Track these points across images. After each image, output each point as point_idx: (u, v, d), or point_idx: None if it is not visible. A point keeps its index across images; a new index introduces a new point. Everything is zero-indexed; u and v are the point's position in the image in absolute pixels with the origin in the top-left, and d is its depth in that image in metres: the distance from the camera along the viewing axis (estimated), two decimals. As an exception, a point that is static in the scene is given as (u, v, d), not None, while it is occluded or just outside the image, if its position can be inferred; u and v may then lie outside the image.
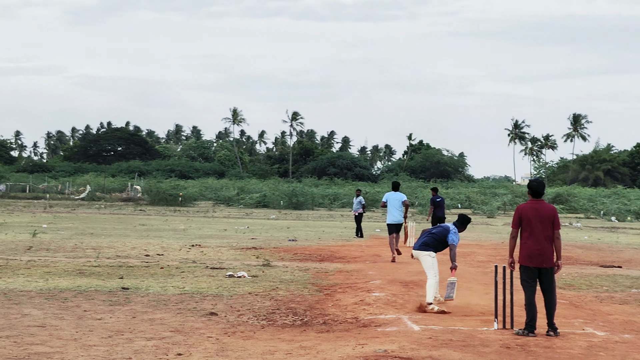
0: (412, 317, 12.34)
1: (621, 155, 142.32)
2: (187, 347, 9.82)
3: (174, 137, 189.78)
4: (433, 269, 13.68)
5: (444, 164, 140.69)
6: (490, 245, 30.01)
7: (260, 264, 20.34)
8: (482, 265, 21.58)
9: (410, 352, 9.50)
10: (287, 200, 71.83)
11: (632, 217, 65.71)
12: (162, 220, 44.85)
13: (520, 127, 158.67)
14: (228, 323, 11.67)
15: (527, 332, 10.93)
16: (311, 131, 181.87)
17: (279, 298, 14.42)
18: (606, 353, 9.79)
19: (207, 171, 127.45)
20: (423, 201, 72.75)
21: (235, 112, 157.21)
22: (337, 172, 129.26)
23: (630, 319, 12.91)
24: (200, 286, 15.69)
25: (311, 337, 10.66)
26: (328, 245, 27.73)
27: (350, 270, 19.47)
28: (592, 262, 23.61)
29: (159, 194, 71.13)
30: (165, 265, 19.40)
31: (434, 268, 13.66)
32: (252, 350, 9.71)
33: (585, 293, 16.25)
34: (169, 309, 12.83)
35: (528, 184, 11.55)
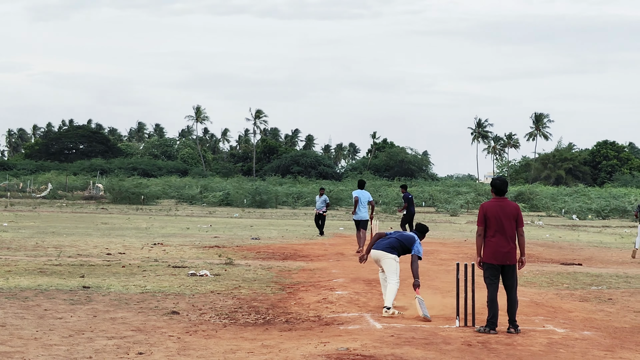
0: (374, 315, 12.36)
1: (582, 154, 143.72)
2: (149, 346, 9.77)
3: (137, 135, 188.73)
4: (396, 274, 13.05)
5: (408, 162, 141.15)
6: (453, 243, 30.13)
7: (223, 262, 20.28)
8: (445, 263, 21.65)
9: (372, 350, 9.52)
10: (251, 199, 71.67)
11: (592, 216, 66.28)
12: (124, 218, 44.59)
13: (483, 126, 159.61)
14: (190, 322, 11.63)
15: (488, 329, 10.99)
16: (275, 129, 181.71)
17: (242, 297, 14.39)
18: (566, 350, 9.87)
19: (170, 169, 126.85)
20: (387, 199, 72.91)
21: (199, 110, 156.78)
22: (301, 171, 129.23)
23: (590, 316, 13.03)
24: (162, 285, 15.62)
25: (274, 336, 10.65)
26: (291, 244, 27.70)
27: (313, 269, 19.48)
28: (553, 260, 23.79)
29: (121, 193, 70.71)
30: (127, 264, 19.29)
31: (397, 273, 13.09)
32: (214, 349, 9.68)
33: (546, 290, 16.37)
34: (130, 308, 12.76)
35: (491, 182, 11.61)
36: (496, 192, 11.48)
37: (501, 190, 11.45)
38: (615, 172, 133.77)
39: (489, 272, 11.26)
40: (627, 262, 23.63)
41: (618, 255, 26.34)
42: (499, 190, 11.46)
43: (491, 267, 11.22)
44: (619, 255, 26.09)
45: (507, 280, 11.28)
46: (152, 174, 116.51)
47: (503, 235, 11.16)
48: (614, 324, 12.23)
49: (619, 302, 14.78)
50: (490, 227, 11.24)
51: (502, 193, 11.45)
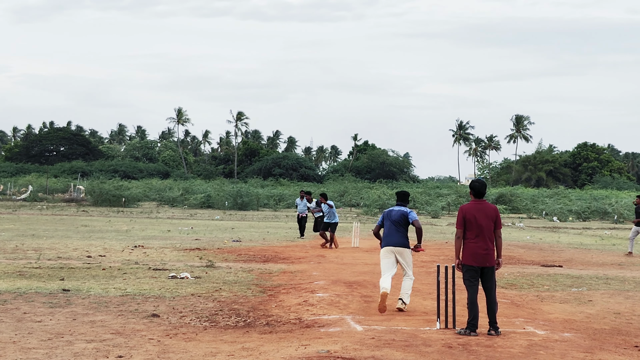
0: (355, 317, 12.35)
1: (563, 156, 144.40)
2: (128, 349, 9.73)
3: (118, 137, 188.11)
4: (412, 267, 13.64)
5: (389, 164, 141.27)
6: (434, 245, 30.18)
7: (204, 265, 20.24)
8: (426, 265, 21.68)
9: (353, 352, 9.51)
10: (232, 201, 71.58)
11: (573, 217, 66.58)
12: (105, 221, 44.42)
13: (464, 128, 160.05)
14: (170, 325, 11.59)
15: (468, 331, 11.01)
16: (256, 131, 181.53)
17: (222, 299, 14.36)
18: (546, 352, 9.89)
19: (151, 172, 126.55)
20: (368, 202, 72.97)
21: (180, 112, 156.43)
22: (282, 173, 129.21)
23: (570, 317, 13.07)
24: (143, 287, 15.57)
25: (254, 339, 10.63)
26: (272, 246, 27.68)
27: (294, 271, 19.46)
28: (533, 262, 23.86)
29: (102, 195, 70.43)
30: (107, 267, 19.21)
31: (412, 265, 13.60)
32: (193, 352, 9.65)
33: (526, 292, 16.41)
34: (110, 310, 12.70)
35: (470, 185, 11.62)
36: (475, 194, 11.51)
37: (480, 192, 11.48)
38: (596, 174, 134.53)
39: (469, 274, 11.28)
40: (607, 264, 23.72)
41: (598, 256, 26.45)
42: (478, 193, 11.49)
43: (471, 269, 11.24)
44: (599, 257, 26.20)
45: (486, 283, 11.30)
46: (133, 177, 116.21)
47: (482, 237, 11.19)
48: (594, 326, 12.27)
49: (599, 304, 14.83)
50: (470, 229, 11.25)
51: (481, 195, 11.48)
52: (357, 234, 29.46)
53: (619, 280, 19.12)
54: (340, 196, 79.02)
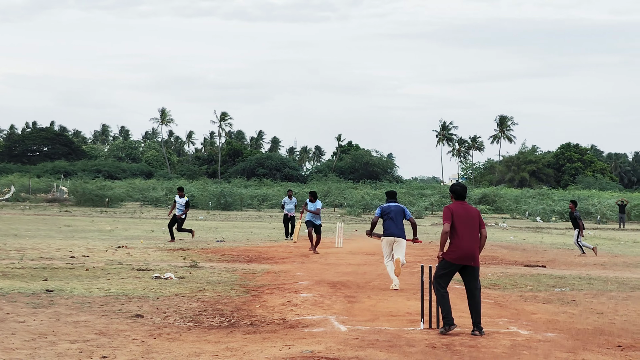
0: (339, 317, 12.36)
1: (546, 157, 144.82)
2: (112, 350, 9.70)
3: (101, 138, 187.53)
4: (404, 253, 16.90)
5: (373, 164, 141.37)
6: (418, 245, 30.17)
7: (188, 265, 20.21)
8: (409, 265, 21.68)
9: (336, 352, 9.52)
10: (216, 201, 71.54)
11: (556, 218, 66.81)
12: (88, 221, 44.30)
13: (448, 128, 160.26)
14: (154, 325, 11.57)
15: (447, 327, 11.02)
16: (240, 132, 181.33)
17: (206, 299, 14.34)
18: (529, 352, 9.92)
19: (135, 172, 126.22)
20: (352, 202, 73.02)
21: (164, 113, 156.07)
22: (266, 173, 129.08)
23: (553, 317, 13.11)
24: (126, 288, 15.53)
25: (238, 339, 10.62)
26: (256, 246, 27.67)
27: (278, 271, 19.46)
28: (517, 262, 23.94)
29: (85, 195, 70.22)
30: (90, 267, 19.16)
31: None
32: (177, 352, 9.64)
33: (509, 292, 16.46)
34: (93, 311, 12.67)
35: (451, 188, 11.69)
36: (456, 197, 11.58)
37: (461, 195, 11.57)
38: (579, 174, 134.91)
39: (445, 270, 11.29)
40: (590, 264, 23.82)
41: (581, 257, 26.55)
42: (459, 195, 11.57)
43: (450, 265, 11.27)
44: (582, 257, 26.30)
45: (471, 282, 11.33)
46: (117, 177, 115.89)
47: (467, 236, 11.22)
48: (577, 326, 12.31)
49: (582, 304, 14.89)
50: (456, 227, 11.28)
51: (462, 198, 11.56)
52: (340, 234, 29.48)
53: (602, 280, 19.20)
54: (323, 196, 79.02)
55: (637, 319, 13.21)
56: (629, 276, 20.38)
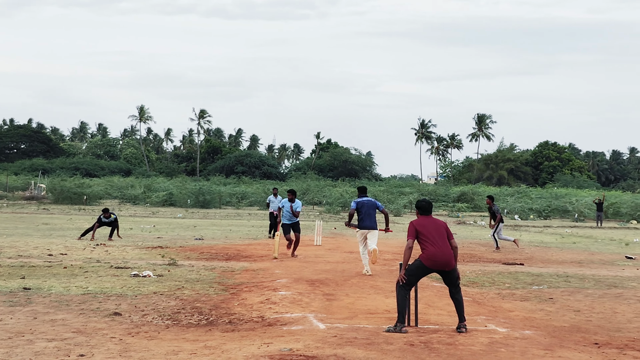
0: (317, 315, 12.37)
1: (524, 155, 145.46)
2: (90, 348, 9.67)
3: (79, 135, 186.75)
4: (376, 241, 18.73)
5: (352, 162, 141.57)
6: (396, 243, 30.29)
7: (166, 263, 20.17)
8: (388, 263, 21.75)
9: (315, 350, 9.53)
10: (194, 199, 71.38)
11: (534, 215, 67.08)
12: (66, 219, 44.13)
13: (426, 126, 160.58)
14: (132, 323, 11.54)
15: (400, 325, 11.01)
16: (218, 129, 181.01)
17: (185, 297, 14.32)
18: (507, 349, 9.97)
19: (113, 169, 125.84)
20: (331, 200, 73.06)
21: (142, 110, 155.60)
22: (245, 171, 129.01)
23: (531, 315, 13.18)
24: (104, 286, 15.48)
25: (216, 337, 10.61)
26: (235, 244, 27.64)
27: (256, 269, 19.45)
28: (494, 260, 24.02)
29: (63, 193, 69.95)
30: (68, 265, 19.09)
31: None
32: (155, 351, 9.62)
33: (487, 290, 16.52)
34: (71, 309, 12.62)
35: (417, 204, 11.77)
36: (422, 212, 11.62)
37: (427, 210, 11.63)
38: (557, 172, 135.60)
39: (419, 272, 11.30)
40: (567, 262, 23.94)
41: (559, 254, 26.68)
42: (425, 211, 11.62)
43: (425, 269, 11.28)
44: (559, 255, 26.43)
45: (451, 281, 11.37)
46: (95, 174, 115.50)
47: (439, 244, 11.23)
48: (554, 323, 12.38)
49: (559, 302, 14.97)
50: (425, 240, 11.27)
51: (428, 213, 11.62)
52: (319, 232, 29.49)
53: (579, 278, 19.30)
54: (302, 194, 79.02)
55: (614, 317, 13.30)
56: (606, 274, 20.50)
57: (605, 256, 26.53)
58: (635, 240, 36.22)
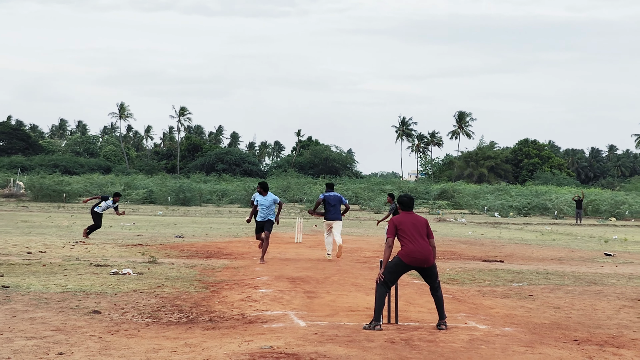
0: (298, 313, 12.36)
1: (504, 152, 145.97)
2: (69, 346, 9.61)
3: (58, 132, 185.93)
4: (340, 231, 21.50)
5: (332, 160, 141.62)
6: (377, 240, 30.32)
7: (146, 261, 20.10)
8: (369, 260, 21.77)
9: (296, 348, 9.51)
10: (175, 197, 71.25)
11: (514, 213, 67.31)
12: (45, 216, 43.93)
13: (407, 124, 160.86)
14: (112, 321, 11.48)
15: (375, 323, 11.01)
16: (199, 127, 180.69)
17: (165, 295, 14.27)
18: (487, 346, 9.98)
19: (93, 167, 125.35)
20: (311, 197, 73.09)
21: (122, 107, 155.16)
22: (225, 168, 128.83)
23: (511, 312, 13.21)
24: (84, 284, 15.40)
25: (196, 335, 10.57)
26: (215, 242, 27.59)
27: (237, 267, 19.41)
28: (475, 257, 24.08)
29: (42, 190, 69.64)
30: (47, 263, 18.99)
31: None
32: (135, 349, 9.57)
33: (468, 287, 16.55)
34: (50, 307, 12.55)
35: (398, 200, 11.73)
36: (403, 208, 11.60)
37: (409, 206, 11.59)
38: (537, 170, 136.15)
39: (399, 269, 11.30)
40: (547, 259, 24.03)
41: (539, 252, 26.78)
42: (406, 206, 11.59)
43: (405, 266, 11.28)
44: (539, 252, 26.52)
45: (430, 281, 11.38)
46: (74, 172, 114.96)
47: (418, 241, 11.22)
48: (534, 320, 12.41)
49: (539, 298, 15.02)
50: (405, 237, 11.26)
51: (409, 209, 11.58)
52: (300, 229, 29.47)
53: (559, 275, 19.38)
54: (283, 192, 78.98)
55: (593, 313, 13.35)
56: (585, 271, 20.59)
57: (585, 253, 26.65)
58: (614, 238, 36.42)
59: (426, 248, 11.25)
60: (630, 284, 17.77)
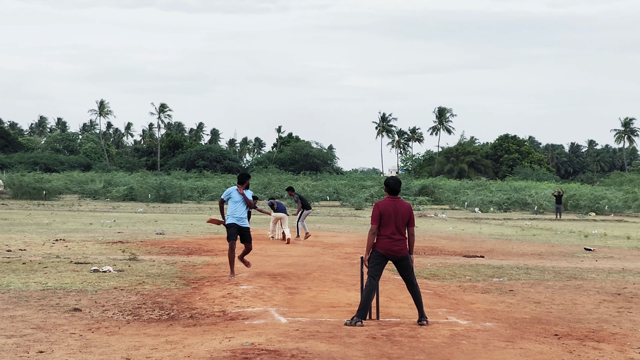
0: (279, 309, 12.35)
1: (484, 148, 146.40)
2: (49, 344, 9.58)
3: (38, 130, 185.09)
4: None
5: (313, 156, 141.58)
6: (358, 236, 30.35)
7: (127, 258, 20.04)
8: (350, 257, 21.79)
9: (277, 344, 9.51)
10: (155, 193, 71.06)
11: (494, 208, 67.51)
12: (25, 214, 43.72)
13: (387, 120, 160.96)
14: (92, 319, 11.44)
15: (357, 319, 11.01)
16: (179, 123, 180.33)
17: (145, 292, 14.23)
18: (468, 341, 10.01)
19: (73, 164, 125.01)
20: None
21: (102, 104, 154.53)
22: (206, 165, 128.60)
23: (492, 307, 13.25)
24: (64, 281, 15.34)
25: (177, 332, 10.55)
26: (196, 239, 27.54)
27: (218, 264, 19.38)
28: (455, 253, 24.14)
29: (22, 188, 69.33)
30: (27, 261, 18.90)
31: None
32: (116, 346, 9.55)
33: (449, 283, 16.59)
34: (30, 305, 12.50)
35: (385, 182, 11.68)
36: (389, 191, 11.55)
37: (394, 189, 11.52)
38: (516, 165, 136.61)
39: (376, 261, 11.31)
40: (527, 254, 24.11)
41: (519, 247, 26.87)
42: (392, 190, 11.53)
43: (380, 256, 11.28)
44: (519, 247, 26.61)
45: (405, 272, 11.38)
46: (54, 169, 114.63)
47: (396, 234, 11.23)
48: (515, 315, 12.46)
49: (520, 293, 15.07)
50: (384, 225, 11.27)
51: (395, 192, 11.52)
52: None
53: (539, 270, 19.45)
54: (264, 188, 78.93)
55: (574, 308, 13.42)
56: (565, 265, 20.68)
57: (565, 248, 26.76)
58: (593, 232, 36.58)
59: (402, 242, 11.26)
60: (609, 279, 17.87)
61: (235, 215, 16.66)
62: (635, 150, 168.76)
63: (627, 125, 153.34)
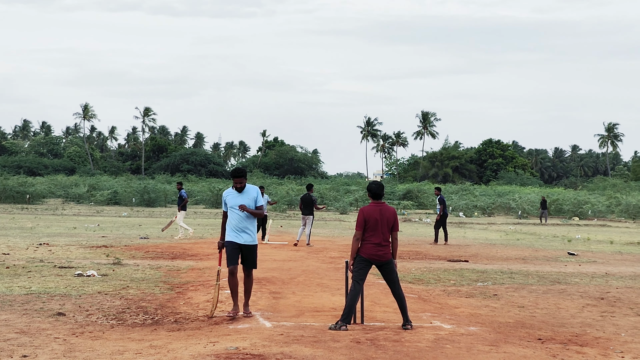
0: (264, 314, 12.36)
1: (469, 153, 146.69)
2: (33, 349, 9.55)
3: (22, 133, 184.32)
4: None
5: (298, 160, 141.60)
6: (343, 241, 30.36)
7: (111, 262, 19.99)
8: (334, 261, 21.80)
9: (261, 349, 9.51)
10: (140, 197, 70.93)
11: (478, 213, 67.67)
12: (8, 218, 43.55)
13: (372, 124, 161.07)
14: (76, 323, 11.41)
15: (342, 324, 11.02)
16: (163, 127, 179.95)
17: (130, 297, 14.20)
18: (452, 345, 10.04)
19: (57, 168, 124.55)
20: (277, 198, 73.06)
21: (86, 108, 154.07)
22: (190, 169, 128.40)
23: (476, 311, 13.28)
24: (48, 286, 15.29)
25: (162, 336, 10.54)
26: (181, 243, 27.50)
27: (202, 268, 19.35)
28: (440, 257, 24.18)
29: (5, 191, 69.07)
30: (10, 265, 18.82)
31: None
32: (100, 351, 9.53)
33: (433, 287, 16.62)
34: (14, 309, 12.45)
35: (368, 187, 11.69)
36: (373, 196, 11.55)
37: (377, 194, 11.53)
38: (501, 170, 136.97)
39: (360, 266, 11.33)
40: (511, 258, 24.17)
41: (503, 251, 26.94)
42: (375, 194, 11.54)
43: (363, 261, 11.30)
44: (503, 252, 26.68)
45: (388, 276, 11.40)
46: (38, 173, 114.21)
47: (379, 239, 11.25)
48: (499, 319, 12.50)
49: (504, 298, 15.12)
50: (369, 231, 11.30)
51: (378, 197, 11.53)
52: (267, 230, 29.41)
53: (523, 274, 19.51)
54: (248, 192, 78.67)
55: (557, 312, 13.47)
56: (549, 270, 20.75)
57: (549, 252, 26.85)
58: (577, 237, 36.73)
59: (386, 247, 11.29)
60: (593, 283, 17.94)
61: (234, 228, 12.48)
62: (619, 155, 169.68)
63: (611, 131, 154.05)
